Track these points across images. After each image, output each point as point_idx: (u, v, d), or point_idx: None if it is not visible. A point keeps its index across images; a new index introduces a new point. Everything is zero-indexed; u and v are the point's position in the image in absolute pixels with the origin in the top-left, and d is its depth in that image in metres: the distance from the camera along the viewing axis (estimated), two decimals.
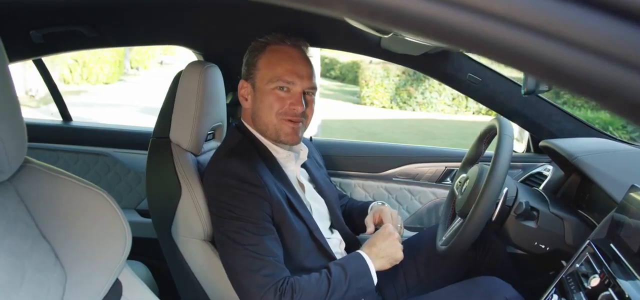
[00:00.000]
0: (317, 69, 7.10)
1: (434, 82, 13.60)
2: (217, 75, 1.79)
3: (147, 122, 1.83)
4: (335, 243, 1.73)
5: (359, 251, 1.59)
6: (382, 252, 1.57)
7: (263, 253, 1.45)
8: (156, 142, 1.75)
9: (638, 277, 1.18)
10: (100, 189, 1.13)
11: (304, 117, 1.64)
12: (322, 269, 1.52)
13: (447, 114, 13.69)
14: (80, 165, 2.58)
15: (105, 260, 1.14)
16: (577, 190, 1.82)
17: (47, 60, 2.55)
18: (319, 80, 1.72)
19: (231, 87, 2.10)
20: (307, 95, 1.64)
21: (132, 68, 19.31)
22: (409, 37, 1.47)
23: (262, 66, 1.62)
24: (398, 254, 1.58)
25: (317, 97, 1.71)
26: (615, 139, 2.05)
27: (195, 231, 1.65)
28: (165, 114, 1.75)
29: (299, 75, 1.60)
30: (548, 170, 2.07)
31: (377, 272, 1.56)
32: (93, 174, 2.57)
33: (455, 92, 13.34)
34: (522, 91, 1.42)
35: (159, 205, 1.72)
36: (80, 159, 2.58)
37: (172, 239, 1.71)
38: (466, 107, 13.73)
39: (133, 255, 2.24)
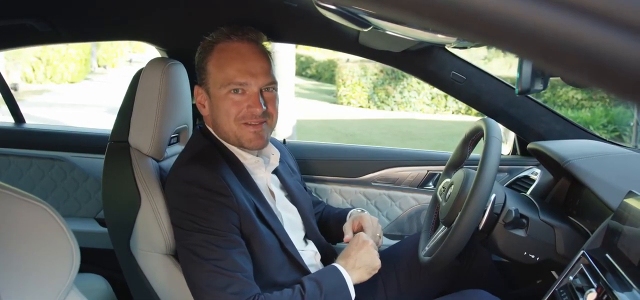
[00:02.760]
0: (292, 67, 7.07)
1: (413, 81, 13.69)
2: (181, 73, 1.70)
3: None
4: (310, 255, 1.65)
5: (334, 264, 1.52)
6: (358, 263, 1.50)
7: (230, 268, 1.37)
8: (114, 147, 1.65)
9: (635, 288, 1.13)
10: (41, 201, 1.02)
11: (268, 117, 1.54)
12: (296, 285, 1.45)
13: (426, 113, 13.77)
14: (34, 170, 2.45)
15: (49, 283, 1.03)
16: (567, 195, 1.77)
17: (8, 58, 2.42)
18: (293, 79, 1.63)
19: None
20: (266, 91, 1.54)
21: (99, 66, 19.10)
22: (391, 32, 1.39)
23: (212, 69, 1.53)
24: (375, 262, 1.52)
25: (292, 97, 1.63)
26: (605, 141, 2.01)
27: (155, 244, 1.56)
28: (124, 116, 1.65)
29: (251, 74, 1.50)
30: (535, 173, 2.02)
31: (356, 285, 1.49)
32: (48, 180, 2.45)
33: (434, 91, 13.58)
34: (516, 90, 1.36)
35: (116, 216, 1.63)
36: (34, 164, 2.46)
37: (130, 253, 1.62)
38: (445, 106, 13.83)
39: (92, 268, 2.16)
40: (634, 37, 0.28)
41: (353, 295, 1.48)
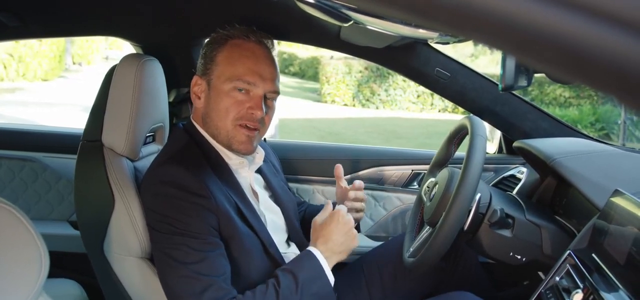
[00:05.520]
0: None
1: (398, 79, 13.74)
2: (156, 70, 1.68)
3: None
4: (292, 258, 1.63)
5: (310, 249, 1.48)
6: (338, 247, 1.48)
7: (207, 272, 1.36)
8: (86, 146, 1.63)
9: (622, 288, 1.14)
10: (7, 203, 0.99)
11: (262, 125, 1.54)
12: (269, 279, 1.43)
13: (412, 112, 13.85)
14: (4, 171, 2.41)
15: (15, 289, 1.00)
16: (553, 194, 1.79)
17: None
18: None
19: (174, 83, 1.99)
20: (268, 99, 1.55)
21: (74, 63, 18.87)
22: (372, 27, 1.39)
23: (221, 62, 1.52)
24: (355, 243, 1.50)
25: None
26: (592, 139, 2.02)
27: (131, 248, 1.54)
28: (97, 114, 1.63)
29: (261, 77, 1.50)
30: (522, 172, 2.04)
31: (338, 284, 1.48)
32: (19, 182, 2.41)
33: (420, 89, 13.66)
34: (500, 87, 1.36)
35: (89, 218, 1.61)
36: (4, 165, 2.42)
37: (104, 257, 1.60)
38: (431, 104, 13.91)
39: (66, 273, 2.13)
40: (613, 29, 0.27)
41: (332, 280, 1.46)
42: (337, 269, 1.52)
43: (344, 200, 1.72)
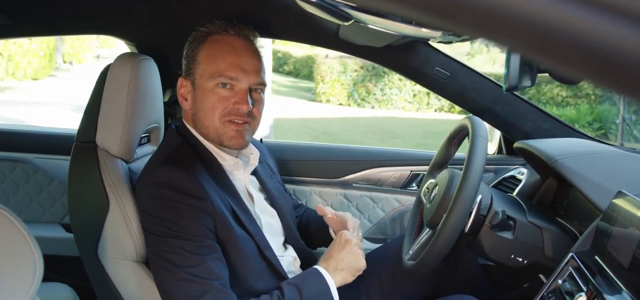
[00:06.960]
0: (268, 63, 7.03)
1: (394, 78, 13.75)
2: (151, 69, 1.67)
3: None
4: (289, 261, 1.63)
5: (316, 267, 1.50)
6: (341, 264, 1.49)
7: (205, 276, 1.35)
8: (80, 147, 1.62)
9: (625, 291, 1.14)
10: (0, 206, 0.98)
11: (251, 118, 1.53)
12: (274, 291, 1.43)
13: (408, 111, 13.85)
14: None
15: (9, 294, 0.99)
16: (554, 195, 1.79)
17: None
18: (270, 76, 1.61)
19: (169, 83, 1.98)
20: (255, 92, 1.53)
21: (64, 62, 18.79)
22: (373, 26, 1.38)
23: (203, 60, 1.51)
24: (360, 263, 1.51)
25: (269, 94, 1.61)
26: (593, 139, 2.03)
27: (125, 251, 1.53)
28: (91, 115, 1.62)
29: (243, 70, 1.49)
30: (522, 173, 2.04)
31: (338, 289, 1.48)
32: (9, 184, 2.39)
33: (417, 88, 13.67)
34: (504, 87, 1.36)
35: (83, 221, 1.60)
36: None
37: (98, 260, 1.59)
38: (428, 104, 13.92)
39: (59, 277, 2.12)
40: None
41: (336, 299, 1.47)
42: None
43: (336, 228, 1.72)
